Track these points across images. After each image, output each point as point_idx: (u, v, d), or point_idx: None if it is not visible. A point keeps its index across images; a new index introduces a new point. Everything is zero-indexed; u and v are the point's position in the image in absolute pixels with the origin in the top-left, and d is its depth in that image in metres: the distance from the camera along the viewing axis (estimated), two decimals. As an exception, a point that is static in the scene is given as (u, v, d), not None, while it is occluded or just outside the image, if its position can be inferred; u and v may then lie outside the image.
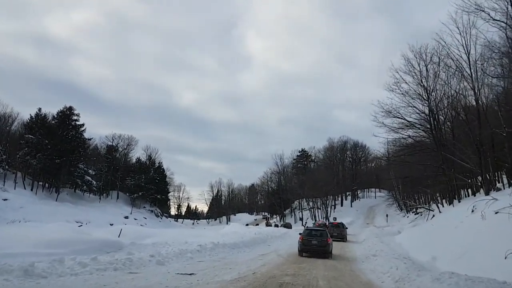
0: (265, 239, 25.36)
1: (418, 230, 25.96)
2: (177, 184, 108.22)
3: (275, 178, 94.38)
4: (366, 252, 20.02)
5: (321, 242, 18.01)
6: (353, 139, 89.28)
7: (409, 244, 22.72)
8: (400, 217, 62.72)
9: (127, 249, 14.21)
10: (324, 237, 18.50)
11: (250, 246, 21.26)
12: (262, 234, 26.31)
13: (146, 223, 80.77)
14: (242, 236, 23.38)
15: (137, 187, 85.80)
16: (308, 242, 18.23)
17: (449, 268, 13.60)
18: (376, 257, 16.19)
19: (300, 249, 18.44)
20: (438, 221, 24.68)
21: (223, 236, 22.96)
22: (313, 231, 19.84)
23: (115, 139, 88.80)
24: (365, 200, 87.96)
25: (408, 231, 27.98)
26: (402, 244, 23.50)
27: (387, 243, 24.13)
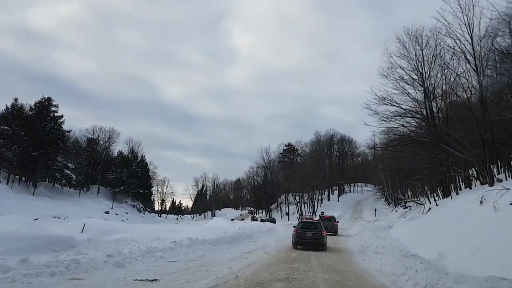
0: (250, 234, 22.90)
1: (416, 224, 23.89)
2: (161, 179, 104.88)
3: (261, 173, 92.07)
4: (364, 247, 17.75)
5: (316, 235, 17.71)
6: (340, 133, 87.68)
7: (408, 239, 20.59)
8: (388, 212, 61.18)
9: (81, 247, 11.54)
10: (319, 229, 18.18)
11: (234, 242, 18.77)
12: (247, 229, 23.84)
13: (127, 218, 77.73)
14: (225, 231, 20.85)
15: (119, 181, 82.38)
16: (302, 234, 17.89)
17: (461, 267, 11.48)
18: (379, 255, 13.89)
19: (295, 242, 18.10)
20: (437, 215, 22.61)
21: (203, 231, 20.41)
22: (308, 223, 19.29)
23: (95, 132, 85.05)
24: (352, 195, 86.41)
25: (404, 225, 25.90)
26: (400, 239, 21.36)
27: (383, 238, 21.98)
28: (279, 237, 25.13)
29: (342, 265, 12.48)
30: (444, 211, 22.65)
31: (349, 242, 22.33)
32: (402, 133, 31.24)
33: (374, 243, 18.07)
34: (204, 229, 21.49)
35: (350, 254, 16.21)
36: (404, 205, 54.32)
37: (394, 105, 29.60)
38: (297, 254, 15.21)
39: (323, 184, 77.53)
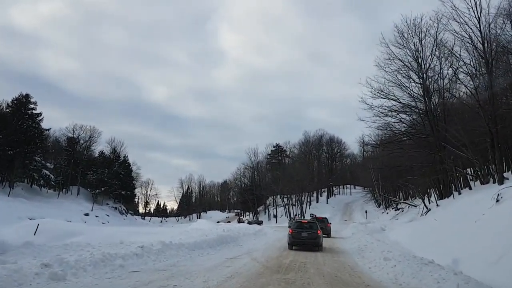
0: (236, 237, 20.37)
1: (417, 226, 21.71)
2: (145, 180, 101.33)
3: (249, 174, 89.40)
4: (363, 251, 15.47)
5: (311, 234, 17.38)
6: (329, 134, 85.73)
7: (409, 242, 18.38)
8: (379, 214, 59.31)
9: (12, 253, 8.88)
10: (314, 229, 17.85)
11: (217, 247, 16.23)
12: (232, 231, 21.30)
13: (108, 221, 74.47)
14: (206, 233, 18.27)
15: (100, 182, 78.76)
16: (298, 234, 17.54)
17: (483, 275, 9.31)
18: (389, 261, 11.56)
19: (290, 242, 17.72)
20: (441, 216, 20.45)
21: (182, 234, 17.80)
22: (303, 223, 18.86)
23: (76, 130, 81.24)
24: (340, 197, 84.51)
25: (403, 227, 23.70)
26: (400, 242, 19.15)
27: (382, 241, 19.75)
28: (268, 240, 22.67)
29: (347, 275, 10.10)
30: (448, 212, 20.52)
31: (345, 245, 20.03)
32: (400, 130, 29.17)
33: (376, 247, 15.77)
34: (183, 232, 18.88)
35: (351, 259, 13.87)
36: (395, 207, 52.46)
37: (391, 99, 27.52)
38: (291, 261, 12.77)
39: (312, 186, 75.42)
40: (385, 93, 26.79)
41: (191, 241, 14.70)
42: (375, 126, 28.80)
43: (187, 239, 15.20)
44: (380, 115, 28.03)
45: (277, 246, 18.72)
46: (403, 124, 28.76)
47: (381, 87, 27.25)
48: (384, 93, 26.79)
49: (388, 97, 27.53)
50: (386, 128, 28.45)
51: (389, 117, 28.38)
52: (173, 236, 15.63)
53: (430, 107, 26.64)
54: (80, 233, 14.70)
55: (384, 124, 28.21)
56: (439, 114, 27.26)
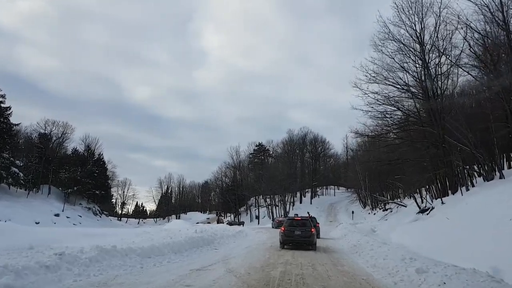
0: (211, 239, 16.54)
1: (424, 227, 18.36)
2: (122, 180, 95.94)
3: (230, 173, 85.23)
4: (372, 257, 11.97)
5: (305, 233, 16.36)
6: (313, 132, 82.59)
7: (420, 246, 14.99)
8: (365, 214, 56.32)
9: None
10: (308, 227, 16.75)
11: (183, 252, 12.39)
12: (207, 232, 17.44)
13: (80, 222, 69.55)
14: (172, 235, 14.37)
15: (72, 181, 73.43)
16: (290, 233, 16.48)
17: None
18: (421, 275, 8.02)
19: (282, 241, 16.65)
20: (455, 214, 17.17)
21: (139, 235, 13.85)
22: (296, 221, 17.73)
23: (48, 126, 75.66)
24: (324, 197, 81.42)
25: (407, 227, 20.30)
26: (408, 245, 15.76)
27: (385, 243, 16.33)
28: (250, 243, 18.95)
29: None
30: (462, 210, 17.25)
31: (343, 248, 16.54)
32: (398, 118, 25.92)
33: (386, 251, 12.26)
34: (143, 233, 14.92)
35: (359, 268, 10.32)
36: (383, 207, 49.53)
37: (389, 84, 24.29)
38: (282, 272, 9.07)
39: (295, 186, 72.12)
40: (383, 76, 23.55)
41: (146, 245, 10.82)
42: (369, 115, 25.50)
43: (142, 242, 11.33)
44: (375, 102, 24.80)
45: (261, 251, 15.05)
46: (401, 113, 25.54)
47: (377, 71, 24.03)
48: (381, 77, 23.55)
49: (385, 81, 24.32)
50: (382, 117, 25.16)
51: (386, 105, 25.16)
52: (123, 239, 11.75)
53: (432, 94, 23.50)
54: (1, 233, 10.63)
55: (380, 112, 24.93)
56: (441, 102, 24.17)
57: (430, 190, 35.44)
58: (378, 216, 47.90)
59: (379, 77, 23.66)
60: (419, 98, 24.22)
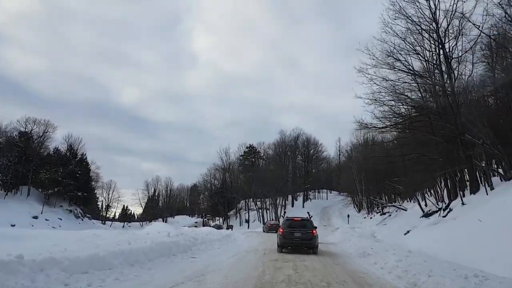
0: (188, 245, 12.96)
1: (449, 230, 15.03)
2: (106, 181, 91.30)
3: (220, 176, 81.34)
4: (402, 272, 8.57)
5: (306, 235, 14.88)
6: (306, 133, 79.32)
7: (453, 253, 11.74)
8: (360, 219, 52.98)
9: None
10: (309, 228, 15.31)
11: (145, 263, 8.86)
12: (184, 236, 13.86)
13: (60, 225, 65.27)
14: (133, 240, 10.75)
15: (53, 181, 68.91)
16: (290, 235, 14.95)
17: None
18: None
19: (280, 244, 15.19)
20: (487, 216, 13.90)
21: (82, 240, 10.23)
22: (296, 221, 16.08)
23: (29, 125, 71.15)
24: (317, 201, 78.02)
25: (427, 232, 16.90)
26: (434, 253, 12.45)
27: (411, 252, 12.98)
28: (239, 249, 15.42)
29: None
30: (492, 211, 13.99)
31: (353, 256, 13.12)
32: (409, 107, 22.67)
33: (429, 266, 8.88)
34: (89, 237, 11.26)
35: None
36: (381, 211, 46.33)
37: (399, 69, 21.10)
38: None
39: (287, 189, 68.78)
40: (394, 58, 20.35)
41: (84, 254, 7.24)
42: (375, 104, 22.23)
43: (80, 250, 7.74)
44: (382, 90, 21.57)
45: (252, 260, 11.57)
46: (412, 102, 22.34)
47: (388, 49, 20.83)
48: (392, 59, 20.35)
49: (394, 66, 21.12)
50: (391, 106, 21.92)
51: (394, 93, 21.95)
52: (56, 245, 8.19)
53: (449, 79, 20.34)
54: None
55: (387, 101, 21.70)
56: (458, 90, 21.04)
57: (436, 191, 32.41)
58: (375, 220, 44.67)
59: (389, 59, 20.47)
60: (434, 84, 21.03)
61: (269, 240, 24.00)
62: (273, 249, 16.43)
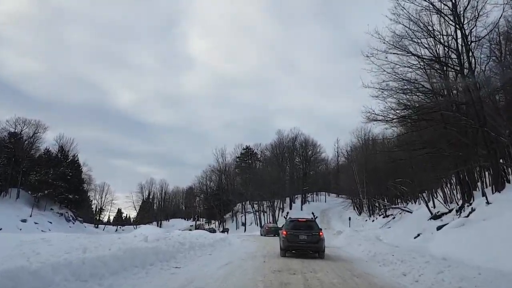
0: (172, 252, 10.54)
1: (485, 232, 12.71)
2: (99, 184, 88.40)
3: (216, 178, 78.62)
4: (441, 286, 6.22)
5: (312, 237, 13.43)
6: (304, 134, 76.90)
7: (486, 259, 9.44)
8: (362, 221, 50.64)
9: None
10: (316, 229, 13.87)
11: (105, 278, 6.46)
12: (168, 241, 11.40)
13: (49, 229, 62.26)
14: (95, 246, 8.25)
15: (43, 184, 66.16)
16: (294, 237, 13.46)
17: None
18: None
19: (284, 247, 13.58)
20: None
21: (18, 247, 7.76)
22: (300, 222, 14.60)
23: (19, 125, 68.47)
24: (315, 204, 75.59)
25: (454, 235, 14.49)
26: (469, 260, 10.17)
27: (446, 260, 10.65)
28: (233, 256, 12.98)
29: None
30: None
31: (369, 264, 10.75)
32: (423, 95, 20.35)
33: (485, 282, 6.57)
34: (30, 242, 8.79)
35: None
36: (384, 213, 44.01)
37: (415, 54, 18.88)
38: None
39: (285, 191, 66.40)
40: (408, 40, 18.11)
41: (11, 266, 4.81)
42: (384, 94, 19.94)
43: (5, 262, 5.32)
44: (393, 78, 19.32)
45: (249, 270, 9.20)
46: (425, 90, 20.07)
47: (397, 38, 18.59)
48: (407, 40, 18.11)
49: (406, 51, 18.87)
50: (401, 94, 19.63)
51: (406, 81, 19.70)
52: None
53: (469, 66, 18.10)
54: None
55: (399, 89, 19.43)
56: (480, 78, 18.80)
57: (443, 192, 30.20)
58: (378, 223, 42.37)
59: (403, 41, 18.23)
60: (454, 70, 18.79)
61: (267, 244, 21.64)
62: (274, 255, 14.09)
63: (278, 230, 36.15)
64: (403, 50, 18.76)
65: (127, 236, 10.86)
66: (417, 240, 23.57)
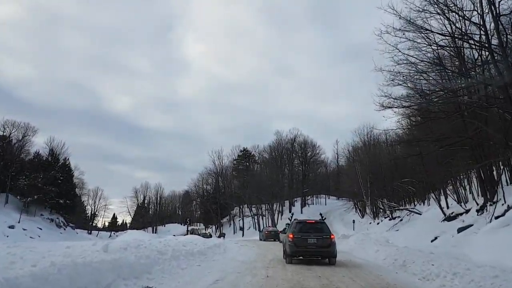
0: (145, 265, 7.86)
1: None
2: (93, 188, 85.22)
3: (212, 180, 75.58)
4: None
5: (323, 241, 11.93)
6: (304, 134, 74.19)
7: None
8: (365, 224, 47.95)
9: None
10: (326, 233, 12.41)
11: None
12: (141, 250, 8.72)
13: (39, 235, 59.32)
14: (5, 264, 5.58)
15: (32, 188, 63.01)
16: (302, 241, 11.96)
17: None
18: None
19: (291, 253, 12.03)
20: None
21: None
22: (309, 224, 13.07)
23: (7, 128, 65.52)
24: (315, 207, 72.79)
25: (493, 236, 11.89)
26: None
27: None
28: (228, 267, 10.29)
29: None
30: None
31: (405, 277, 8.08)
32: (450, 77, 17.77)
33: None
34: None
35: None
36: (390, 215, 41.33)
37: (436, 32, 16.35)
38: None
39: (284, 194, 63.72)
40: (430, 12, 15.59)
41: None
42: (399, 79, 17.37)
43: None
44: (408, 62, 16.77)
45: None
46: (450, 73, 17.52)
47: (415, 12, 16.07)
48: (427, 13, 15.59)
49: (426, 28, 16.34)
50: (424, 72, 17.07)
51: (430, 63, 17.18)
52: None
53: (499, 40, 15.56)
54: None
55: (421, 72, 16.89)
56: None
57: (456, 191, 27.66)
58: (384, 226, 39.65)
59: (422, 15, 15.70)
60: (481, 48, 16.25)
61: (268, 250, 18.97)
62: (278, 265, 11.49)
63: (279, 235, 33.51)
64: (421, 28, 16.24)
65: (83, 245, 8.14)
66: (435, 243, 21.00)
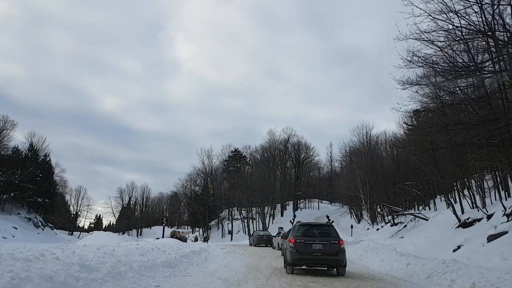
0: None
1: None
2: (75, 187, 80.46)
3: (201, 181, 71.37)
4: None
5: (330, 247, 10.04)
6: (298, 135, 70.64)
7: None
8: (363, 230, 44.47)
9: None
10: (335, 237, 10.36)
11: None
12: (43, 267, 5.12)
13: (13, 235, 54.57)
14: None
15: (8, 185, 58.39)
16: (306, 247, 10.12)
17: None
18: None
19: (292, 261, 10.22)
20: None
21: None
22: (313, 227, 11.44)
23: (-16, 122, 60.88)
24: (308, 211, 69.21)
25: None
26: None
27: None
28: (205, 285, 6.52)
29: None
30: None
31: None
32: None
33: None
34: None
35: None
36: (392, 221, 37.88)
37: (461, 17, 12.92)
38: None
39: (276, 196, 60.03)
40: None
41: None
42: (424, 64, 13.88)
43: None
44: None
45: None
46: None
47: None
48: None
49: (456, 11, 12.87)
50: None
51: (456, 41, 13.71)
52: None
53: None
54: None
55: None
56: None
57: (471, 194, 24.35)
58: (385, 232, 36.21)
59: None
60: None
61: (261, 259, 15.25)
62: (276, 282, 7.77)
63: (272, 240, 29.85)
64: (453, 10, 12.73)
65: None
66: (460, 253, 17.38)
